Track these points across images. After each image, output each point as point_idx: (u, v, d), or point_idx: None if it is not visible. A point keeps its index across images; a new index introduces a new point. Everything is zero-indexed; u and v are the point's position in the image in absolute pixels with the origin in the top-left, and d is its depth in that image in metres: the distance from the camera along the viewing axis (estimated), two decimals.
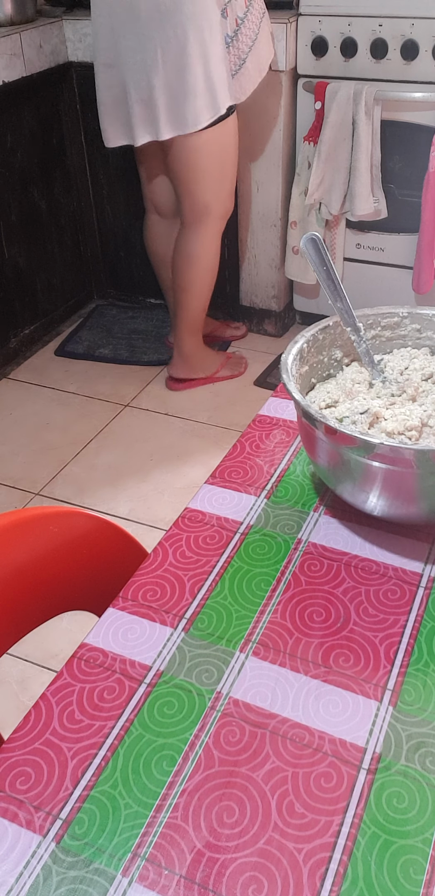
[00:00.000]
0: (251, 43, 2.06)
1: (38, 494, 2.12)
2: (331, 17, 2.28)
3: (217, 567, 0.73)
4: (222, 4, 1.97)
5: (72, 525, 0.86)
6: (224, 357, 2.58)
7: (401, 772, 0.56)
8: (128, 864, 0.51)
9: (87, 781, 0.56)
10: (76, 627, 1.55)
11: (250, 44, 2.06)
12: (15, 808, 0.55)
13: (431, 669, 0.63)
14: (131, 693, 0.62)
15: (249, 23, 2.04)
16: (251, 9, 2.04)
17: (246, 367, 2.60)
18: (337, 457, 0.71)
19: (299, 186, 2.46)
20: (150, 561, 0.74)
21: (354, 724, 0.59)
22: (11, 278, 2.59)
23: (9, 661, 1.65)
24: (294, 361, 0.78)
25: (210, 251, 2.29)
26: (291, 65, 2.37)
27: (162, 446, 2.29)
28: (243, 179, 2.58)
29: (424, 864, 0.50)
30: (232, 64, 2.05)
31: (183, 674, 0.63)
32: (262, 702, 0.61)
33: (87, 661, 0.65)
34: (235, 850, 0.52)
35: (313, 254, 0.81)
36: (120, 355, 2.72)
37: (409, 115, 2.30)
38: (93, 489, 2.13)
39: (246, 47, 2.06)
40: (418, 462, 0.66)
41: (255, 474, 0.84)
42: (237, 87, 2.09)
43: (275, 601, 0.69)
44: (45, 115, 2.58)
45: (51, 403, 2.51)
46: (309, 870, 0.50)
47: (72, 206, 2.83)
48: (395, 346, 0.87)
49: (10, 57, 2.26)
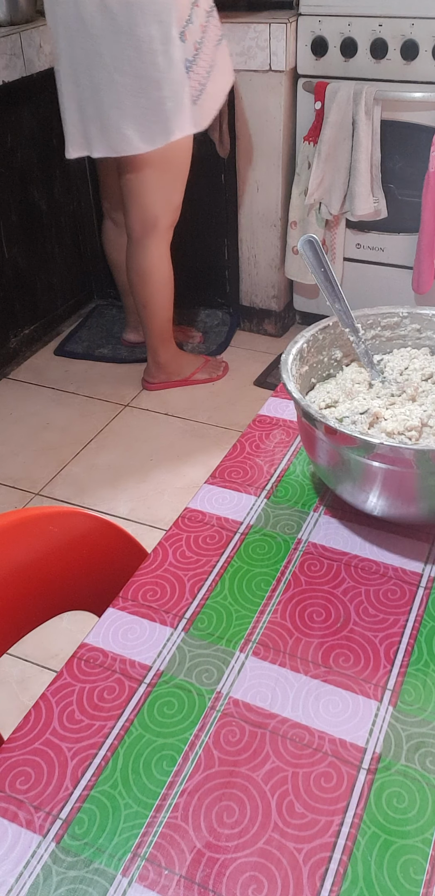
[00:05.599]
0: (209, 68, 2.02)
1: (38, 494, 2.12)
2: (331, 17, 2.28)
3: (217, 567, 0.73)
4: (181, 27, 1.91)
5: (72, 525, 0.86)
6: (202, 360, 2.58)
7: (401, 772, 0.56)
8: (128, 864, 0.51)
9: (87, 781, 0.56)
10: (76, 627, 1.55)
11: (208, 69, 2.02)
12: (15, 808, 0.55)
13: (431, 669, 0.63)
14: (131, 693, 0.62)
15: (206, 48, 2.00)
16: (207, 33, 2.00)
17: (225, 371, 2.60)
18: (337, 457, 0.71)
19: (299, 186, 2.46)
20: (150, 561, 0.74)
21: (354, 724, 0.59)
22: (11, 278, 2.59)
23: (9, 661, 1.65)
24: (294, 361, 0.78)
25: (161, 264, 2.30)
26: (291, 65, 2.37)
27: (162, 446, 2.29)
28: (243, 179, 2.58)
29: (424, 864, 0.50)
30: (193, 90, 2.00)
31: (183, 674, 0.63)
32: (262, 702, 0.61)
33: (87, 661, 0.65)
34: (235, 850, 0.52)
35: (311, 256, 0.81)
36: (120, 355, 2.72)
37: (409, 115, 2.30)
38: (93, 489, 2.13)
39: (204, 72, 2.01)
40: (418, 462, 0.66)
41: (255, 474, 0.84)
42: (199, 113, 2.05)
43: (275, 601, 0.69)
44: (45, 115, 2.58)
45: (51, 403, 2.51)
46: (309, 870, 0.50)
47: (72, 206, 2.83)
48: (395, 347, 0.87)
49: (10, 57, 2.26)
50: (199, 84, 2.02)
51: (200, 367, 2.56)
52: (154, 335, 2.41)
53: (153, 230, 2.24)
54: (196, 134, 2.37)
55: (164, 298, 2.35)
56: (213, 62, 2.04)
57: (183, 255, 2.80)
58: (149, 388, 2.54)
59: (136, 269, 2.31)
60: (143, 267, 2.29)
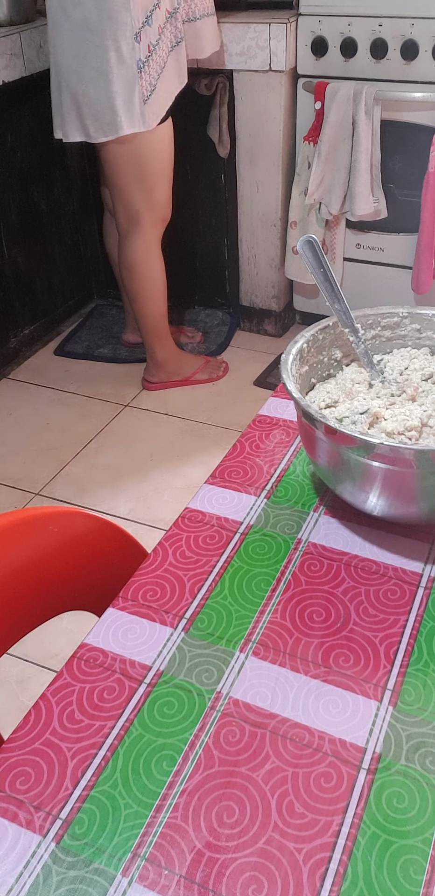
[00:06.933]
0: (160, 70, 2.05)
1: (38, 494, 2.12)
2: (331, 17, 2.28)
3: (217, 567, 0.73)
4: (136, 28, 1.95)
5: (72, 525, 0.86)
6: (202, 361, 2.58)
7: (401, 772, 0.56)
8: (128, 864, 0.51)
9: (87, 781, 0.56)
10: (76, 627, 1.55)
11: (160, 70, 2.05)
12: (15, 808, 0.55)
13: (431, 669, 0.63)
14: (131, 693, 0.62)
15: (160, 50, 2.03)
16: (163, 35, 2.02)
17: (225, 371, 2.60)
18: (337, 457, 0.71)
19: (299, 186, 2.46)
20: (150, 561, 0.74)
21: (354, 724, 0.59)
22: (11, 278, 2.59)
23: (9, 661, 1.65)
24: (294, 361, 0.78)
25: (149, 259, 2.30)
26: (291, 65, 2.37)
27: (162, 446, 2.29)
28: (243, 179, 2.58)
29: (424, 864, 0.50)
30: (144, 90, 2.03)
31: (183, 674, 0.63)
32: (262, 702, 0.61)
33: (87, 661, 0.65)
34: (235, 850, 0.52)
35: (310, 256, 0.81)
36: (120, 355, 2.72)
37: (409, 115, 2.30)
38: (93, 489, 2.13)
39: (156, 73, 2.04)
40: (418, 462, 0.66)
41: (255, 474, 0.84)
42: (149, 113, 2.07)
43: (275, 601, 0.69)
44: (45, 115, 2.57)
45: (51, 403, 2.51)
46: (309, 870, 0.50)
47: (72, 206, 2.83)
48: (395, 346, 0.87)
49: (10, 57, 2.26)
50: (150, 85, 2.04)
51: (201, 367, 2.56)
52: (149, 332, 2.42)
53: (137, 225, 2.25)
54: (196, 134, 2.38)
55: (154, 294, 2.35)
56: (164, 64, 2.07)
57: (183, 254, 2.80)
58: (149, 388, 2.54)
59: (124, 263, 2.33)
60: (129, 261, 2.31)
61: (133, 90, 2.01)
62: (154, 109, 2.08)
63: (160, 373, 2.51)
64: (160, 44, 2.02)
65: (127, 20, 1.93)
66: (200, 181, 2.66)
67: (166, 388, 2.53)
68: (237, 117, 2.49)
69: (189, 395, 2.51)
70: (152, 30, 1.99)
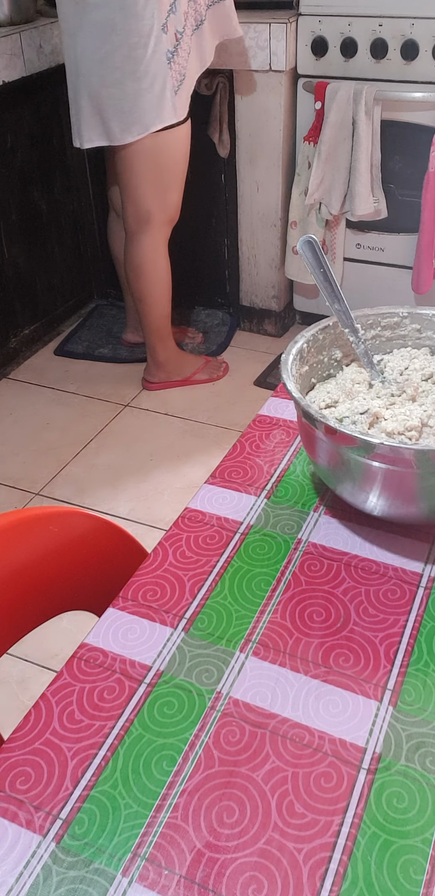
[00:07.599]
0: (187, 56, 2.04)
1: (38, 494, 2.12)
2: (331, 17, 2.28)
3: (217, 567, 0.73)
4: (163, 19, 1.94)
5: (72, 525, 0.86)
6: (202, 361, 2.58)
7: (401, 772, 0.56)
8: (128, 864, 0.51)
9: (87, 781, 0.56)
10: (76, 627, 1.55)
11: (187, 56, 2.04)
12: (15, 808, 0.55)
13: (431, 669, 0.63)
14: (131, 693, 0.62)
15: (186, 36, 2.02)
16: (187, 20, 2.01)
17: (225, 371, 2.60)
18: (337, 457, 0.71)
19: (299, 186, 2.46)
20: (150, 561, 0.74)
21: (354, 724, 0.59)
22: (11, 278, 2.59)
23: (9, 661, 1.65)
24: (294, 361, 0.78)
25: (156, 259, 2.30)
26: (291, 65, 2.37)
27: (162, 446, 2.29)
28: (243, 179, 2.58)
29: (424, 864, 0.50)
30: (174, 80, 2.02)
31: (183, 674, 0.63)
32: (262, 702, 0.61)
33: (87, 661, 0.65)
34: (235, 850, 0.52)
35: (310, 256, 0.81)
36: (120, 355, 2.72)
37: (409, 115, 2.30)
38: (93, 489, 2.13)
39: (184, 61, 2.03)
40: (418, 462, 0.66)
41: (255, 474, 0.84)
42: (179, 103, 2.07)
43: (275, 601, 0.69)
44: (45, 115, 2.58)
45: (51, 403, 2.51)
46: (309, 870, 0.50)
47: (72, 206, 2.82)
48: (395, 347, 0.87)
49: (10, 57, 2.26)
50: (180, 74, 2.04)
51: (201, 367, 2.56)
52: (151, 332, 2.41)
53: (147, 225, 2.24)
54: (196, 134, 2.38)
55: (160, 295, 2.35)
56: (190, 49, 2.05)
57: (183, 254, 2.80)
58: (149, 388, 2.54)
59: (130, 263, 2.32)
60: (137, 261, 2.30)
61: (165, 83, 2.00)
62: (183, 98, 2.08)
63: (160, 373, 2.50)
64: (185, 29, 2.01)
65: (154, 13, 1.91)
66: (200, 181, 2.66)
67: (166, 388, 2.53)
68: (237, 117, 2.49)
69: (189, 395, 2.51)
70: (177, 17, 1.98)
